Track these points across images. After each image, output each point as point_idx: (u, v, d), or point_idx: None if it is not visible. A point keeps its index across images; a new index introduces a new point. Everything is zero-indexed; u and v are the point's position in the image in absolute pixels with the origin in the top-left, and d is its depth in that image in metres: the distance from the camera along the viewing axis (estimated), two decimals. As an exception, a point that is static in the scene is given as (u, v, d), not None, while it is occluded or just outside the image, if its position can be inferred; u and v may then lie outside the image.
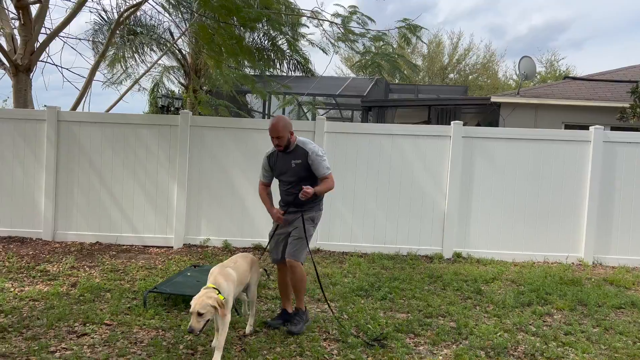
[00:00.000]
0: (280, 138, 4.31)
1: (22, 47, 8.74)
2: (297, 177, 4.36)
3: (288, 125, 4.34)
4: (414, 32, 9.12)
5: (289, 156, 4.40)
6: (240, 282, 4.06)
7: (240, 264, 4.15)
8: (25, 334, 4.14)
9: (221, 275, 3.82)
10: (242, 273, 4.09)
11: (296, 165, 4.35)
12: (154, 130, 7.72)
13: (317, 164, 4.33)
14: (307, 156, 4.33)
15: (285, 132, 4.30)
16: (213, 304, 3.51)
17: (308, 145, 4.39)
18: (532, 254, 7.47)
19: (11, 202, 7.71)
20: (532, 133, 7.74)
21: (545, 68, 30.52)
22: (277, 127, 4.29)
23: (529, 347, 4.16)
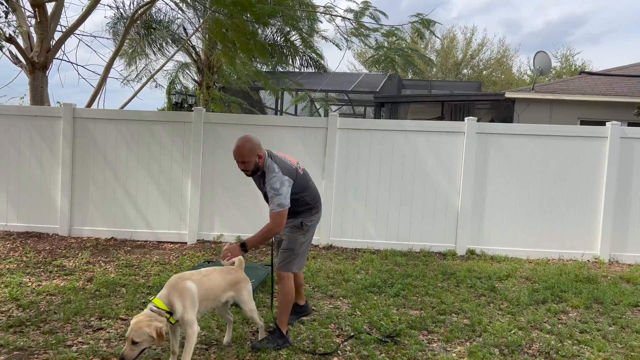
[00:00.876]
0: (246, 163, 3.85)
1: (39, 45, 8.85)
2: None
3: (256, 148, 3.85)
4: (428, 26, 9.07)
5: (260, 180, 4.01)
6: (207, 299, 3.57)
7: (213, 278, 3.66)
8: (42, 328, 4.21)
9: (175, 290, 3.39)
10: (209, 289, 3.59)
11: (264, 192, 3.99)
12: (168, 127, 7.77)
13: (270, 199, 3.85)
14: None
15: (252, 156, 3.84)
16: (151, 333, 3.13)
17: (269, 174, 3.87)
18: (546, 251, 7.40)
19: (28, 197, 7.82)
20: (547, 129, 7.65)
21: (560, 63, 30.16)
22: (243, 150, 3.83)
23: (544, 345, 4.13)
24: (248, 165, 3.86)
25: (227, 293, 3.74)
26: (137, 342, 3.13)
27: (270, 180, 3.82)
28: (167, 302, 3.35)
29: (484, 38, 35.42)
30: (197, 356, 3.73)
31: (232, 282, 3.78)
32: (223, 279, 3.73)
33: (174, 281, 3.48)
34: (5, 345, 3.84)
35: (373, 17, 9.10)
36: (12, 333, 4.09)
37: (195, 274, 3.63)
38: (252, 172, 3.93)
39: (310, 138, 7.69)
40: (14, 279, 5.49)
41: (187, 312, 3.39)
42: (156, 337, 3.15)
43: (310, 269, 6.25)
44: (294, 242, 4.08)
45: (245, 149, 3.83)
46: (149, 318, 3.22)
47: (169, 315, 3.31)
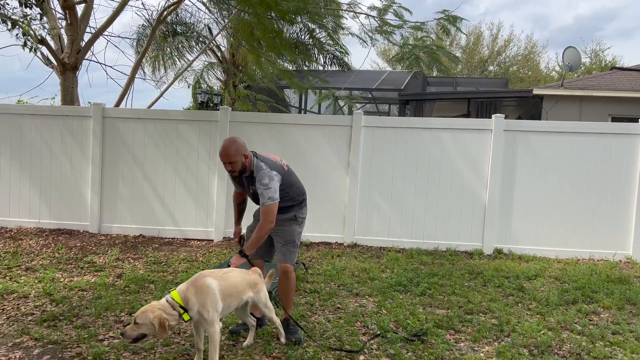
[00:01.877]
0: (234, 163, 3.87)
1: (69, 46, 9.06)
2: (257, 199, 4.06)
3: (241, 148, 3.87)
4: (454, 23, 8.96)
5: (247, 180, 4.03)
6: (230, 295, 3.55)
7: (234, 276, 3.66)
8: (75, 322, 4.31)
9: (194, 287, 3.40)
10: (232, 285, 3.59)
11: (253, 191, 4.02)
12: (195, 126, 7.86)
13: (260, 194, 3.89)
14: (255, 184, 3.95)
15: (239, 156, 3.86)
16: (153, 321, 3.16)
17: (258, 172, 3.91)
18: (576, 251, 7.25)
19: (60, 195, 8.01)
20: (577, 126, 7.49)
21: (590, 59, 29.45)
22: (229, 151, 3.84)
23: (575, 346, 4.05)
24: (235, 166, 3.88)
25: (248, 293, 3.75)
26: (138, 324, 3.19)
27: (259, 176, 3.89)
28: (183, 297, 3.36)
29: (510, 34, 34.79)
30: (224, 352, 3.78)
31: (251, 283, 3.78)
32: (243, 278, 3.74)
33: (195, 277, 3.51)
34: (40, 338, 3.95)
35: (397, 14, 9.04)
36: (46, 327, 4.20)
37: (215, 272, 3.64)
38: (239, 172, 3.95)
39: (334, 136, 7.69)
40: (47, 274, 5.64)
41: (207, 310, 3.37)
42: (157, 326, 3.16)
43: (335, 267, 6.26)
44: (293, 234, 4.15)
45: (231, 149, 3.85)
46: (159, 307, 3.26)
47: (183, 311, 3.32)
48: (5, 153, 8.04)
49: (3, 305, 4.68)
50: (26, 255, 6.48)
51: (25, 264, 6.12)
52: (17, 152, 8.03)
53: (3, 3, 7.49)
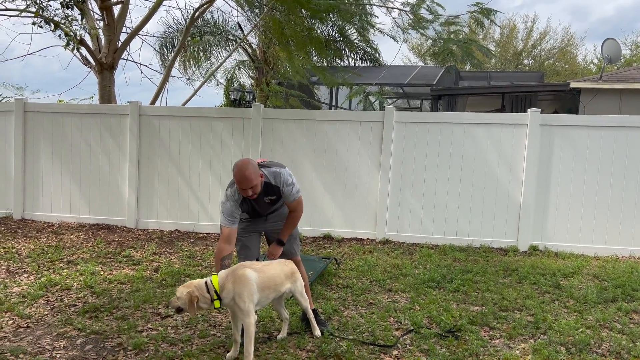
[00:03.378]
0: (255, 187, 3.70)
1: (106, 46, 9.30)
2: (273, 207, 4.08)
3: (256, 169, 3.75)
4: (488, 15, 8.81)
5: (260, 196, 3.90)
6: (268, 287, 3.62)
7: (273, 268, 3.76)
8: (115, 314, 4.45)
9: (233, 276, 3.50)
10: (271, 277, 3.66)
11: (271, 200, 3.99)
12: (228, 123, 7.98)
13: (288, 194, 3.94)
14: (279, 191, 3.94)
15: (257, 177, 3.72)
16: (185, 295, 3.38)
17: (276, 178, 3.89)
18: (616, 248, 7.06)
19: (98, 191, 8.26)
20: (618, 120, 7.27)
21: (630, 50, 28.44)
22: (250, 175, 3.65)
23: (615, 345, 3.95)
24: (256, 188, 3.73)
25: (286, 284, 3.81)
26: (178, 297, 3.43)
27: (282, 180, 3.89)
28: (221, 284, 3.46)
29: (546, 27, 33.91)
30: (259, 344, 3.84)
31: (288, 274, 3.86)
32: (281, 270, 3.81)
33: (235, 266, 3.61)
34: (82, 329, 4.10)
35: (430, 9, 8.94)
36: (87, 318, 4.36)
37: (256, 264, 3.72)
38: (258, 194, 3.81)
39: (366, 132, 7.68)
40: (88, 267, 5.83)
41: (244, 300, 3.44)
42: (187, 302, 3.37)
43: (367, 262, 6.26)
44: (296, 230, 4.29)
45: (250, 173, 3.66)
46: (195, 285, 3.45)
47: (216, 297, 3.43)
48: (47, 151, 8.33)
49: (47, 297, 4.88)
50: (68, 249, 6.72)
51: (67, 257, 6.34)
52: (59, 149, 8.31)
53: (45, 5, 7.76)
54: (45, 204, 8.40)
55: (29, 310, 4.52)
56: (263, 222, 4.19)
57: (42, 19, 7.79)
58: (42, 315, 4.41)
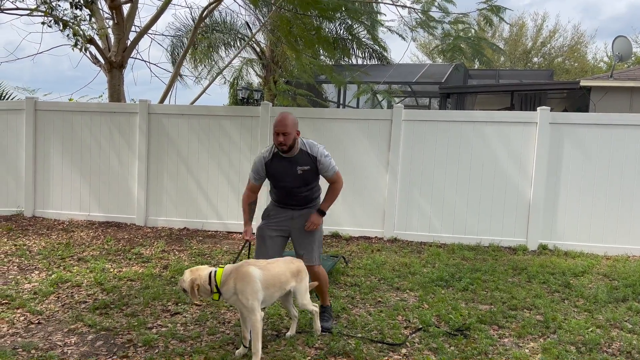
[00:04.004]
0: (287, 135, 3.81)
1: (116, 45, 9.35)
2: (304, 183, 4.03)
3: (296, 124, 3.89)
4: (497, 13, 8.76)
5: (291, 162, 3.96)
6: (273, 285, 3.60)
7: (278, 266, 3.71)
8: (125, 311, 4.49)
9: (236, 273, 3.51)
10: (275, 275, 3.63)
11: (303, 172, 3.97)
12: (236, 122, 8.00)
13: (326, 166, 3.99)
14: (316, 161, 3.96)
15: (294, 129, 3.84)
16: (187, 281, 3.50)
17: (313, 148, 3.98)
18: (626, 247, 7.00)
19: (108, 189, 8.32)
20: (629, 118, 7.21)
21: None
22: (287, 121, 3.81)
23: (625, 345, 3.93)
24: (288, 138, 3.82)
25: (291, 282, 3.76)
26: (183, 279, 3.57)
27: (319, 151, 3.98)
28: (224, 279, 3.50)
29: (556, 24, 33.66)
30: (267, 342, 3.85)
31: (294, 272, 3.79)
32: (287, 268, 3.76)
33: (241, 263, 3.64)
34: (93, 325, 4.13)
35: (440, 7, 8.90)
36: (98, 314, 4.40)
37: (260, 261, 3.73)
38: (288, 147, 3.87)
39: (374, 130, 7.66)
40: (98, 265, 5.87)
41: (247, 297, 3.45)
42: (189, 287, 3.48)
43: (375, 261, 6.26)
44: (320, 233, 4.20)
45: (289, 120, 3.83)
46: (199, 274, 3.53)
47: (216, 290, 3.49)
48: (58, 149, 8.40)
49: (58, 293, 4.92)
50: (78, 247, 6.77)
51: (77, 254, 6.39)
52: (69, 148, 8.38)
53: (55, 5, 7.81)
54: (55, 201, 8.47)
55: (40, 306, 4.56)
56: (290, 215, 4.12)
57: (51, 18, 7.83)
58: (53, 312, 4.45)
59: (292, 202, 4.11)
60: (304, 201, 4.12)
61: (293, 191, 4.07)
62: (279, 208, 4.18)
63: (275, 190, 4.18)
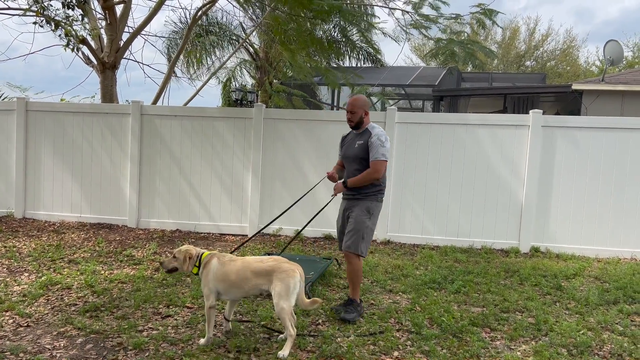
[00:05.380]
0: (354, 113, 4.43)
1: (108, 46, 9.30)
2: (356, 157, 4.42)
3: (365, 105, 4.48)
4: (490, 16, 8.79)
5: (356, 137, 4.51)
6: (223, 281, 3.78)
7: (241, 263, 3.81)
8: (115, 313, 4.45)
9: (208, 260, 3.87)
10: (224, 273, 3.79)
11: (358, 145, 4.43)
12: (229, 123, 7.97)
13: (374, 147, 4.32)
14: (369, 137, 4.37)
15: (360, 109, 4.43)
16: (182, 253, 3.88)
17: (375, 129, 4.44)
18: (617, 250, 7.04)
19: (100, 191, 8.26)
20: (620, 122, 7.26)
21: (632, 52, 28.42)
22: (356, 101, 4.45)
23: (616, 347, 3.94)
24: (355, 116, 4.43)
25: (253, 281, 3.73)
26: (176, 258, 3.92)
27: (377, 132, 4.37)
28: (205, 260, 3.89)
29: (548, 28, 33.87)
30: (259, 344, 3.83)
31: (260, 272, 3.73)
32: (246, 267, 3.77)
33: (213, 253, 3.94)
34: (83, 328, 4.09)
35: (433, 7, 8.93)
36: (88, 317, 4.35)
37: (227, 256, 3.94)
38: (355, 124, 4.45)
39: (368, 132, 7.66)
40: (89, 267, 5.82)
41: (203, 284, 3.86)
42: (183, 258, 3.89)
43: (368, 263, 6.25)
44: (361, 224, 4.38)
45: (359, 100, 4.46)
46: (191, 249, 3.94)
47: (197, 265, 3.90)
48: (49, 150, 8.34)
49: (48, 296, 4.87)
50: (69, 249, 6.72)
51: (68, 256, 6.34)
52: (60, 148, 8.32)
53: (47, 5, 7.76)
54: (46, 203, 8.40)
55: (30, 309, 4.51)
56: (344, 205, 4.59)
57: (43, 18, 7.78)
58: (42, 314, 4.40)
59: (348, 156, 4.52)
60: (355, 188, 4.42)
61: (349, 171, 4.49)
62: (342, 200, 4.65)
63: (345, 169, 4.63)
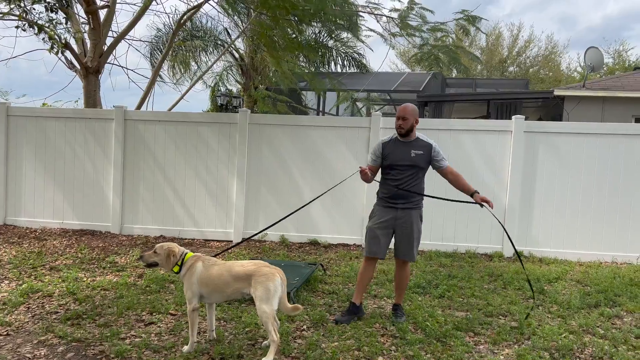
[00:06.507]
0: (406, 120, 4.44)
1: (92, 50, 9.21)
2: (415, 167, 4.48)
3: (416, 113, 4.50)
4: (473, 22, 8.90)
5: (407, 146, 4.50)
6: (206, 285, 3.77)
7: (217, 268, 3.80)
8: (98, 321, 4.39)
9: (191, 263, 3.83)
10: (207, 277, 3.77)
11: (416, 155, 4.46)
12: (214, 128, 7.95)
13: (440, 155, 4.52)
14: (430, 149, 4.49)
15: (412, 117, 4.45)
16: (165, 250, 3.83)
17: (427, 139, 4.56)
18: (599, 254, 7.14)
19: (82, 197, 8.17)
20: (601, 127, 7.38)
21: (612, 59, 28.92)
22: (407, 109, 4.46)
23: (597, 350, 3.99)
24: (406, 123, 4.44)
25: (234, 285, 3.72)
26: (157, 254, 3.88)
27: (435, 144, 4.55)
28: (188, 262, 3.84)
29: (530, 34, 34.34)
30: (244, 351, 3.81)
31: (240, 276, 3.71)
32: (228, 271, 3.76)
33: (197, 256, 3.92)
34: (64, 336, 4.03)
35: (419, 15, 9.01)
36: (69, 325, 4.29)
37: (212, 260, 3.92)
38: (406, 131, 4.46)
39: (353, 138, 7.69)
40: (71, 274, 5.75)
41: (185, 287, 3.84)
42: (165, 254, 3.83)
43: (353, 268, 6.26)
44: (419, 234, 4.61)
45: (410, 108, 4.48)
46: (175, 247, 3.89)
47: (180, 264, 3.86)
48: (30, 155, 8.23)
49: (28, 304, 4.80)
50: (50, 255, 6.62)
51: (50, 263, 6.25)
52: (42, 154, 8.21)
53: (29, 8, 7.67)
54: (27, 209, 8.28)
55: (9, 317, 4.44)
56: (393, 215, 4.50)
57: (25, 22, 7.69)
58: (22, 323, 4.33)
59: (397, 196, 4.47)
60: (408, 197, 4.48)
61: (402, 180, 4.47)
62: (384, 209, 4.56)
63: (385, 181, 4.56)
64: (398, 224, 4.50)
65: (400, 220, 4.50)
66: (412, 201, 4.52)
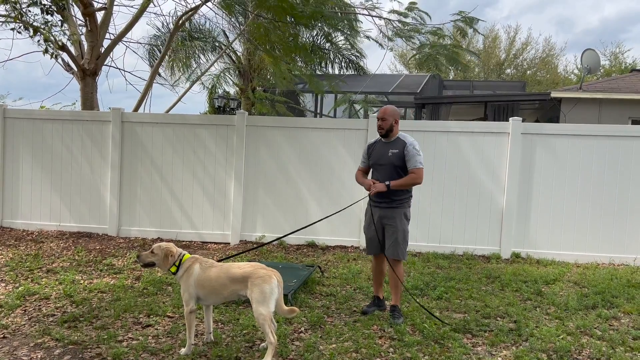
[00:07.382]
0: (385, 120, 4.57)
1: (89, 52, 9.19)
2: (391, 165, 4.57)
3: (395, 114, 4.63)
4: (470, 24, 8.92)
5: (387, 146, 4.65)
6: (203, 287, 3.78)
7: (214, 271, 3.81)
8: (95, 324, 4.38)
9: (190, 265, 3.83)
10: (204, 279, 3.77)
11: (392, 154, 4.57)
12: (212, 130, 7.94)
13: (411, 156, 4.51)
14: (404, 147, 4.54)
15: (391, 117, 4.58)
16: (162, 250, 3.84)
17: (408, 138, 4.62)
18: (596, 255, 7.15)
19: (80, 199, 8.15)
20: (597, 129, 7.40)
21: (609, 61, 29.01)
22: (386, 110, 4.62)
23: (595, 352, 3.99)
24: (385, 123, 4.58)
25: (231, 287, 3.72)
26: (154, 254, 3.87)
27: (411, 143, 4.55)
28: (186, 264, 3.84)
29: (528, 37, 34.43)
30: (242, 353, 3.80)
31: (237, 278, 3.71)
32: (225, 273, 3.77)
33: (195, 257, 3.91)
34: (61, 339, 4.02)
35: (418, 17, 9.03)
36: (66, 328, 4.28)
37: (210, 262, 3.91)
38: (385, 131, 4.59)
39: (350, 140, 7.70)
40: (68, 276, 5.73)
41: (183, 289, 3.82)
42: (163, 254, 3.83)
43: (351, 270, 6.26)
44: (405, 233, 4.63)
45: (389, 109, 4.62)
46: (172, 247, 3.89)
47: (177, 264, 3.84)
48: (27, 157, 8.21)
49: (25, 307, 4.78)
50: (47, 258, 6.60)
51: (47, 266, 6.23)
52: (39, 156, 8.19)
53: (25, 10, 7.66)
54: (24, 211, 8.26)
55: (6, 320, 4.42)
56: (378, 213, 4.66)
57: (21, 24, 7.67)
58: (19, 326, 4.31)
59: (379, 195, 4.59)
60: (390, 196, 4.57)
61: (382, 176, 4.61)
62: (372, 208, 4.73)
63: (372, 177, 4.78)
64: (384, 222, 4.66)
65: (385, 219, 4.64)
66: (395, 200, 4.61)
